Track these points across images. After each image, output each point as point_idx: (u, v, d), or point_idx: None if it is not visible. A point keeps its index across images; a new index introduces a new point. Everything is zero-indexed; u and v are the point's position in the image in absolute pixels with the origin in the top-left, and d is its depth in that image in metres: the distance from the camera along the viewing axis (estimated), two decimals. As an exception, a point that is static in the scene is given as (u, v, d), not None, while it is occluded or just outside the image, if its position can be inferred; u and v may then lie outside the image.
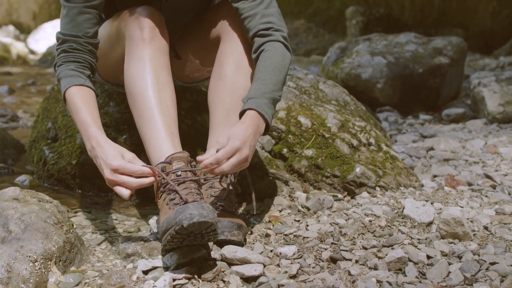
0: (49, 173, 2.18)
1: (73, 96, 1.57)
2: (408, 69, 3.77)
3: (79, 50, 1.63)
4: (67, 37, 1.63)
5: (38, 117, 2.44)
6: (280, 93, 1.59)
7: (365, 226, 1.65)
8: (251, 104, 1.51)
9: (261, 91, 1.54)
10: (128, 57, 1.63)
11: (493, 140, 2.81)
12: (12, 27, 10.67)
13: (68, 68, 1.62)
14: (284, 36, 1.66)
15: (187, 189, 1.43)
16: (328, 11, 7.79)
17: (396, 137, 3.04)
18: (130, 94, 1.61)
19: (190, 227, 1.30)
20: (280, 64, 1.60)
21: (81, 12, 1.61)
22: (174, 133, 1.56)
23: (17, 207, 1.45)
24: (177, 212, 1.31)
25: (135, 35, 1.61)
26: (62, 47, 1.63)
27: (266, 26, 1.64)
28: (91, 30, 1.64)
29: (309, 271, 1.40)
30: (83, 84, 1.60)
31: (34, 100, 4.37)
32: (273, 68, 1.58)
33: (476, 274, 1.35)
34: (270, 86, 1.55)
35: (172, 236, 1.33)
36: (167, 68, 1.64)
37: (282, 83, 1.60)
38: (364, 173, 1.95)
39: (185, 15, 1.87)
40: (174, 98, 1.62)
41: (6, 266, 1.31)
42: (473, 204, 1.86)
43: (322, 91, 2.33)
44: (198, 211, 1.30)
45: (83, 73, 1.63)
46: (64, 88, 1.59)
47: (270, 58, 1.60)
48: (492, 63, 5.15)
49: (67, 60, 1.62)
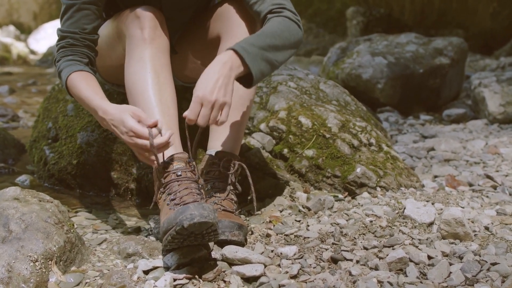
0: (50, 173, 2.18)
1: (74, 80, 1.58)
2: (409, 69, 3.77)
3: (76, 45, 1.65)
4: (65, 34, 1.65)
5: (39, 117, 2.44)
6: (276, 57, 1.52)
7: (366, 226, 1.64)
8: (233, 46, 1.48)
9: (249, 42, 1.49)
10: (128, 57, 1.63)
11: (493, 140, 2.80)
12: (12, 27, 10.67)
13: (66, 59, 1.63)
14: (295, 17, 1.62)
15: (187, 189, 1.42)
16: (329, 12, 7.79)
17: (397, 137, 3.03)
18: (130, 94, 1.60)
19: (190, 228, 1.30)
20: (281, 31, 1.54)
21: (79, 9, 1.63)
22: (175, 133, 1.55)
23: (18, 207, 1.45)
24: (177, 213, 1.31)
25: (135, 35, 1.61)
26: (61, 43, 1.65)
27: (277, 7, 1.61)
28: (89, 26, 1.65)
29: (310, 271, 1.40)
30: (82, 70, 1.61)
31: (35, 100, 4.37)
32: (270, 33, 1.53)
33: (477, 275, 1.35)
34: (261, 40, 1.50)
35: (173, 237, 1.32)
36: (168, 68, 1.64)
37: (278, 49, 1.53)
38: (364, 173, 1.95)
39: (185, 12, 1.86)
40: (174, 98, 1.62)
41: (7, 266, 1.31)
42: (474, 204, 1.85)
43: (323, 91, 2.33)
44: (199, 211, 1.30)
45: (81, 61, 1.64)
46: (65, 77, 1.60)
47: (270, 26, 1.56)
48: (492, 63, 5.15)
49: (65, 54, 1.64)
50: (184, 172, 1.46)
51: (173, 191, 1.43)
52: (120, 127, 1.43)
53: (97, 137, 2.08)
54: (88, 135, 2.09)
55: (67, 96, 2.29)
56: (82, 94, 1.55)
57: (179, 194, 1.41)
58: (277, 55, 1.53)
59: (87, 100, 1.54)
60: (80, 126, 2.13)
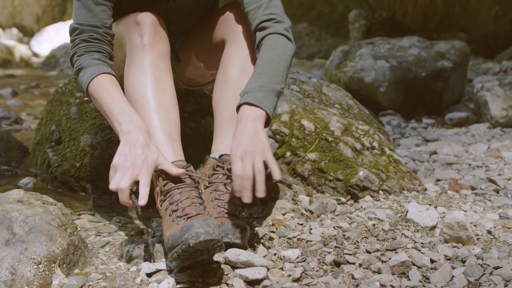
0: (53, 176, 2.18)
1: (104, 81, 1.53)
2: (411, 73, 3.77)
3: (100, 40, 1.60)
4: (85, 27, 1.59)
5: (42, 119, 2.44)
6: (282, 85, 1.55)
7: (369, 229, 1.64)
8: (245, 98, 1.49)
9: (257, 85, 1.51)
10: (128, 63, 1.62)
11: (496, 144, 2.80)
12: (15, 30, 10.72)
13: (92, 57, 1.57)
14: (286, 28, 1.63)
15: (189, 199, 1.41)
16: (331, 15, 7.80)
17: (399, 141, 3.03)
18: (130, 100, 1.59)
19: (196, 246, 1.30)
20: (279, 56, 1.57)
21: (97, 3, 1.59)
22: (175, 138, 1.55)
23: (21, 209, 1.46)
24: (182, 231, 1.31)
25: (135, 41, 1.61)
26: (81, 37, 1.59)
27: (268, 17, 1.62)
28: (108, 21, 1.61)
29: (312, 275, 1.40)
30: (110, 73, 1.56)
31: (38, 102, 4.38)
32: (271, 61, 1.56)
33: (480, 279, 1.35)
34: (268, 78, 1.52)
35: (179, 254, 1.32)
36: (168, 73, 1.63)
37: (282, 75, 1.56)
38: (367, 176, 1.95)
39: (191, 16, 1.87)
40: (175, 103, 1.61)
41: (10, 268, 1.31)
42: (476, 208, 1.85)
43: (326, 95, 2.33)
44: (204, 229, 1.30)
45: (107, 63, 1.59)
46: (91, 76, 1.54)
47: (269, 51, 1.58)
48: (495, 67, 5.14)
49: (89, 50, 1.58)
50: (184, 179, 1.46)
51: (175, 201, 1.42)
52: (138, 150, 1.44)
53: (100, 139, 2.08)
54: (91, 137, 2.09)
55: (70, 99, 2.30)
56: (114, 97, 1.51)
57: (181, 204, 1.40)
58: (281, 80, 1.56)
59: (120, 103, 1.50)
60: (84, 129, 2.13)
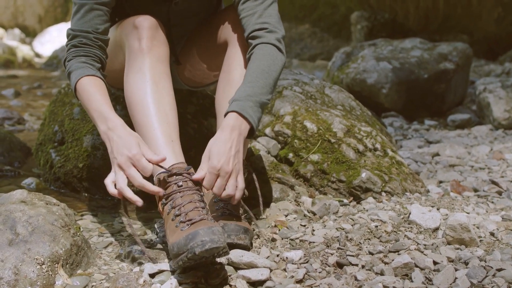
0: (56, 176, 2.19)
1: (85, 84, 1.56)
2: (414, 74, 3.77)
3: (89, 45, 1.63)
4: (77, 33, 1.63)
5: (45, 120, 2.45)
6: (269, 96, 1.58)
7: (371, 231, 1.64)
8: (234, 106, 1.51)
9: (246, 94, 1.53)
10: (127, 66, 1.63)
11: (498, 146, 2.80)
12: (18, 30, 10.72)
13: (78, 61, 1.61)
14: (277, 38, 1.64)
15: (192, 203, 1.41)
16: (333, 16, 7.80)
17: (402, 142, 3.03)
18: (129, 104, 1.60)
19: (202, 254, 1.29)
20: (269, 67, 1.59)
21: (92, 9, 1.62)
22: (174, 141, 1.55)
23: (25, 210, 1.46)
24: (187, 239, 1.31)
25: (133, 45, 1.61)
26: (72, 42, 1.63)
27: (260, 27, 1.63)
28: (101, 26, 1.64)
29: (315, 276, 1.40)
30: (95, 75, 1.59)
31: (40, 103, 4.39)
32: (261, 71, 1.57)
33: (483, 280, 1.35)
34: (256, 89, 1.54)
35: (184, 262, 1.32)
36: (167, 76, 1.63)
37: (270, 87, 1.58)
38: (370, 178, 1.95)
39: (193, 18, 1.87)
40: (174, 106, 1.61)
41: (14, 269, 1.32)
42: (479, 210, 1.85)
43: (328, 96, 2.33)
44: (209, 237, 1.29)
45: (94, 66, 1.62)
46: (76, 79, 1.58)
47: (259, 60, 1.59)
48: (497, 69, 5.14)
49: (77, 54, 1.62)
50: (185, 182, 1.45)
51: (177, 205, 1.41)
52: (123, 149, 1.43)
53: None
54: (94, 138, 2.10)
55: (73, 100, 2.30)
56: (93, 99, 1.54)
57: (183, 209, 1.40)
58: (269, 92, 1.58)
59: (98, 106, 1.52)
60: (86, 129, 2.14)
